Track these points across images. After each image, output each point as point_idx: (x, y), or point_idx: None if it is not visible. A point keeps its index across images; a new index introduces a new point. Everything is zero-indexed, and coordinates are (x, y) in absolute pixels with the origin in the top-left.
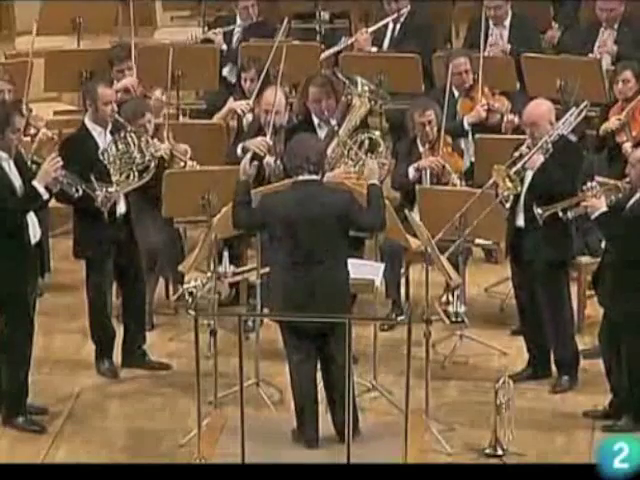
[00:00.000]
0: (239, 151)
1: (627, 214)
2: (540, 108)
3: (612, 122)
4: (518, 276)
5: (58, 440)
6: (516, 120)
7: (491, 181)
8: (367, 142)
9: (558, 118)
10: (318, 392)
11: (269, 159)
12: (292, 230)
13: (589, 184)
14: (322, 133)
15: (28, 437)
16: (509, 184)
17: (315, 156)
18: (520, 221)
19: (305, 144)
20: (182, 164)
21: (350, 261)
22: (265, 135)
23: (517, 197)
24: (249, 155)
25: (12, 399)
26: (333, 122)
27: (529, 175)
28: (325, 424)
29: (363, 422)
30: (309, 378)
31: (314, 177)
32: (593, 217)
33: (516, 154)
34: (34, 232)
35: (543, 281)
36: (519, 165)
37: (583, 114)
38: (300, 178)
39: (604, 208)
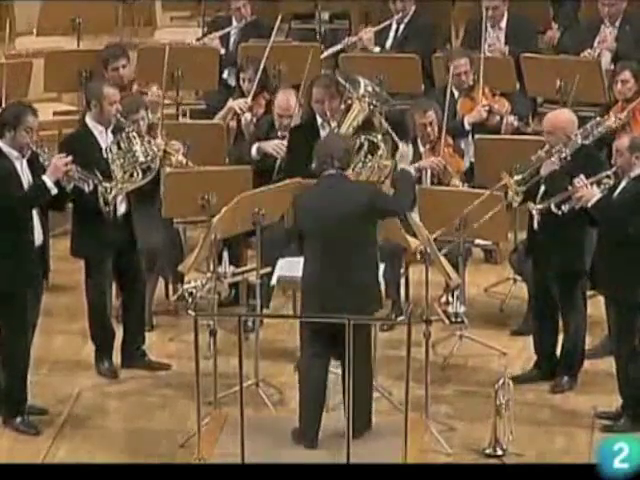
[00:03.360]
0: (254, 152)
1: (616, 201)
2: (559, 118)
3: (612, 121)
4: (536, 279)
5: (58, 440)
6: (515, 123)
7: (502, 183)
8: (367, 144)
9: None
10: (325, 391)
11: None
12: (319, 225)
13: (577, 178)
14: (325, 134)
15: (28, 437)
16: (517, 188)
17: (339, 153)
18: (535, 225)
19: (331, 142)
20: (174, 160)
21: None
22: (277, 136)
23: (534, 202)
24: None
25: (10, 400)
26: (333, 124)
27: (543, 183)
28: (325, 424)
29: None
30: (318, 373)
31: (338, 172)
32: (590, 205)
33: (533, 158)
34: (37, 235)
35: (558, 286)
36: (530, 169)
37: (605, 127)
38: (325, 174)
39: (598, 195)
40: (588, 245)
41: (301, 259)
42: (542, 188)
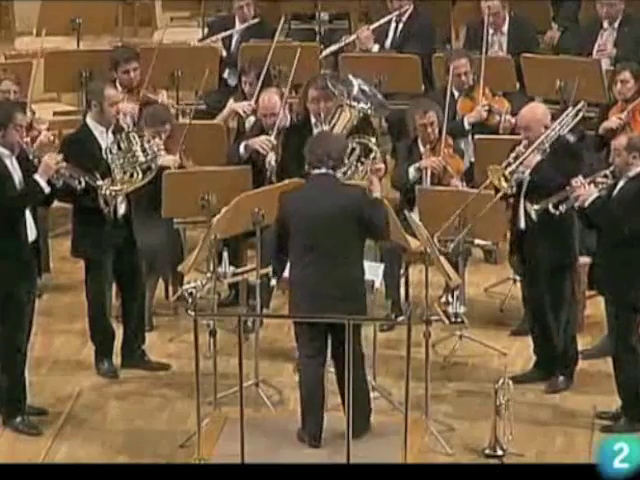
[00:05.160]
0: (242, 149)
1: (614, 200)
2: (533, 112)
3: (612, 121)
4: (525, 277)
5: (58, 440)
6: (513, 121)
7: (488, 181)
8: (360, 148)
9: (555, 118)
10: (324, 389)
11: (271, 157)
12: (305, 224)
13: (575, 179)
14: None
15: (28, 437)
16: (504, 184)
17: (335, 153)
18: (522, 224)
19: (328, 140)
20: None
21: None
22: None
23: (517, 199)
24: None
25: (9, 399)
26: (325, 127)
27: (527, 177)
28: (326, 423)
29: None
30: (316, 372)
31: (330, 172)
32: (587, 204)
33: (513, 154)
34: (30, 231)
35: (546, 282)
36: (514, 165)
37: (581, 114)
38: (316, 172)
39: (596, 194)
40: (574, 237)
41: None
42: (526, 181)
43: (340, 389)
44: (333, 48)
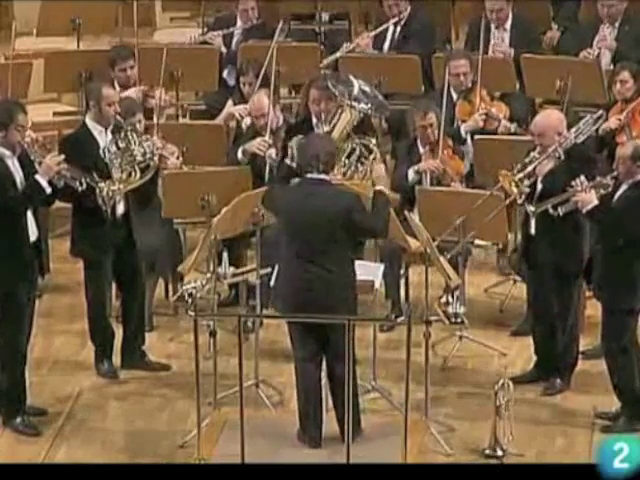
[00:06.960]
0: (240, 155)
1: (614, 205)
2: (548, 119)
3: (612, 121)
4: (532, 281)
5: (58, 440)
6: (512, 128)
7: (498, 185)
8: (359, 149)
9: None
10: (322, 390)
11: (271, 152)
12: (296, 226)
13: (577, 180)
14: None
15: (28, 437)
16: (515, 190)
17: (325, 156)
18: (532, 229)
19: (316, 143)
20: (169, 163)
21: None
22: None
23: (530, 204)
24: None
25: (9, 400)
26: (326, 128)
27: (540, 184)
28: (326, 424)
29: (363, 423)
30: (313, 376)
31: (322, 176)
32: (585, 211)
33: (526, 159)
34: (31, 232)
35: (554, 287)
36: (527, 170)
37: (599, 123)
38: (308, 176)
39: (595, 202)
40: (584, 245)
41: None
42: (539, 187)
43: (331, 390)
44: (332, 58)
